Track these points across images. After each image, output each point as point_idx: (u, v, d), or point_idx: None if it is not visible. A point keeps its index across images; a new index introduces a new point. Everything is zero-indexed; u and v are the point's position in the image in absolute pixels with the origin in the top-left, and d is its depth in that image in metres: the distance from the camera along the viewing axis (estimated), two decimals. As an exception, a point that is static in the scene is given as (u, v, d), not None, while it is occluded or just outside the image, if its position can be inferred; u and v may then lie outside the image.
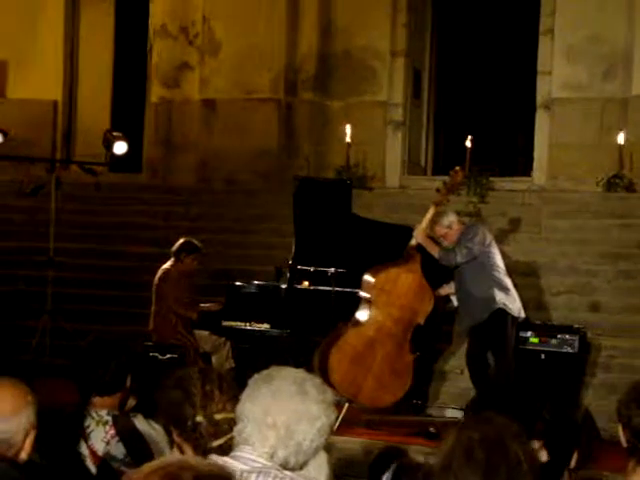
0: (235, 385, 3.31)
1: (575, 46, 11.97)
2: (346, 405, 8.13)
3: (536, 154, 12.47)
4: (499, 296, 8.29)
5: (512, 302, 8.37)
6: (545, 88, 12.31)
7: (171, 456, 1.95)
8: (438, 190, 8.53)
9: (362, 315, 8.39)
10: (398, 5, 13.05)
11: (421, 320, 8.42)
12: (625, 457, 3.23)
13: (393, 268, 8.42)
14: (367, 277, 8.41)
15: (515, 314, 8.38)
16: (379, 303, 8.38)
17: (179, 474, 1.78)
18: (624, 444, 3.17)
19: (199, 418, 3.25)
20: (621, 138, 11.45)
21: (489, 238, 8.48)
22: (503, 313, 8.30)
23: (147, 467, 1.83)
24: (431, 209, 8.41)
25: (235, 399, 3.08)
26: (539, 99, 12.40)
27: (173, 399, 3.32)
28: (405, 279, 8.38)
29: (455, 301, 8.79)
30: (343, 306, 8.63)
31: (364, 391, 8.27)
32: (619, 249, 10.71)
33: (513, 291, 8.45)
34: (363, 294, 8.43)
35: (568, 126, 12.02)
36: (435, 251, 8.41)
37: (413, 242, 8.41)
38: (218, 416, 3.24)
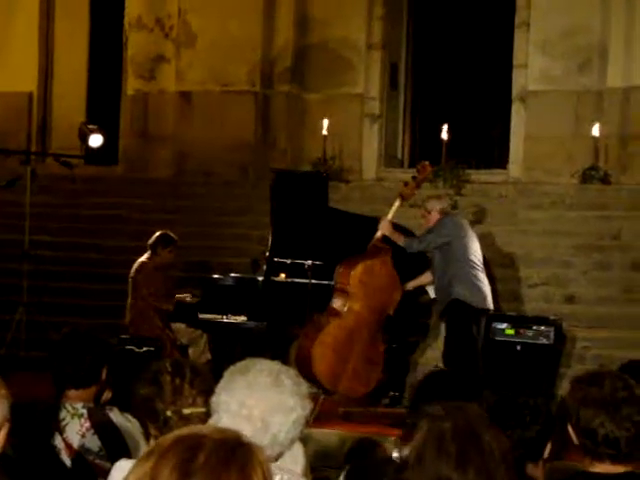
0: (211, 378, 3.29)
1: (550, 39, 12.00)
2: (322, 397, 8.15)
3: (512, 146, 12.50)
4: (457, 287, 8.30)
5: (474, 294, 8.34)
6: (521, 81, 12.34)
7: (183, 428, 1.93)
8: (406, 184, 8.57)
9: (340, 307, 8.43)
10: (374, -3, 13.05)
11: (391, 310, 8.51)
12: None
13: (368, 260, 8.48)
14: (343, 269, 8.45)
15: (478, 305, 8.37)
16: (356, 294, 8.43)
17: (200, 441, 1.78)
18: (575, 441, 3.17)
19: (169, 413, 3.24)
20: (596, 130, 11.48)
21: (463, 230, 8.50)
22: (459, 304, 8.30)
23: (166, 439, 1.82)
24: (397, 201, 8.49)
25: (207, 393, 3.07)
26: (515, 92, 12.43)
27: (146, 394, 3.32)
28: (380, 271, 8.48)
29: (431, 292, 8.83)
30: (320, 298, 8.64)
31: (343, 381, 8.34)
32: (595, 241, 10.76)
33: (481, 283, 8.42)
34: (340, 285, 8.46)
35: (544, 118, 12.05)
36: (400, 241, 8.48)
37: (379, 234, 8.47)
38: (187, 411, 3.24)
